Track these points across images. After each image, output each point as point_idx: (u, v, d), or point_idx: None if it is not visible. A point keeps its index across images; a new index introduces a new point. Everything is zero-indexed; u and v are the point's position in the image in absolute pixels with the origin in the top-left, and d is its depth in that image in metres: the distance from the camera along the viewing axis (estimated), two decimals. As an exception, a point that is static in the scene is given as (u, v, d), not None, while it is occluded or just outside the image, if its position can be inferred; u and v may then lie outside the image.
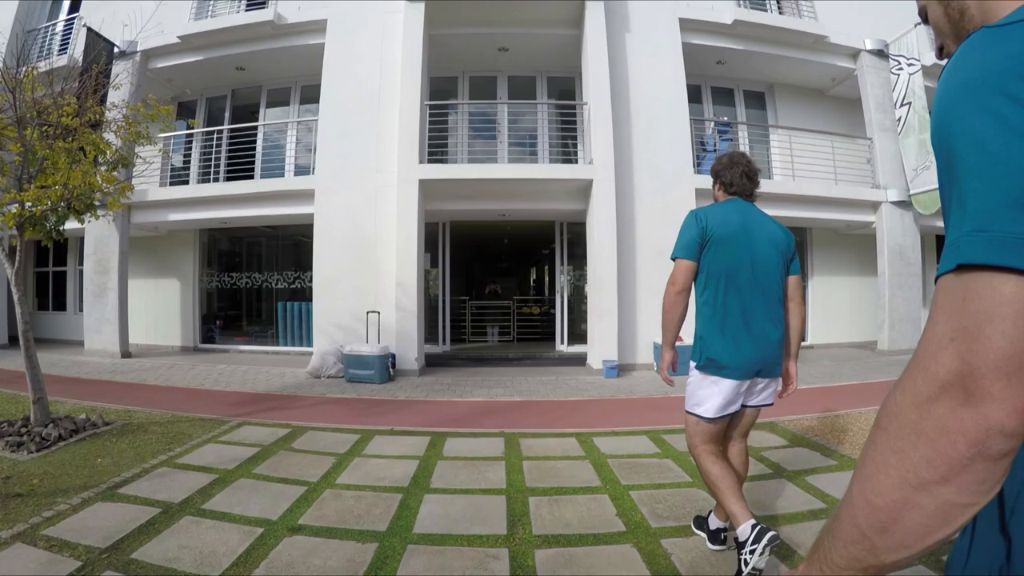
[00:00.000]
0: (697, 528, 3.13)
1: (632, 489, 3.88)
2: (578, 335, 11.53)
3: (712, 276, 2.73)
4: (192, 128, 11.60)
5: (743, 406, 2.80)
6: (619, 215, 9.23)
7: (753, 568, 2.47)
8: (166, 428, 5.55)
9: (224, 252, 13.47)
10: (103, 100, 7.38)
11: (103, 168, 6.24)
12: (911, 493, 0.59)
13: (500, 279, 19.67)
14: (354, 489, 3.90)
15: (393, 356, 8.74)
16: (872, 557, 0.63)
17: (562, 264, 11.91)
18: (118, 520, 3.37)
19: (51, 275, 14.78)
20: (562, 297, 11.80)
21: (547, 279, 18.61)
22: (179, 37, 11.18)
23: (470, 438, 5.21)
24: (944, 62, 0.72)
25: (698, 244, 2.74)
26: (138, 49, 11.34)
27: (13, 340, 11.34)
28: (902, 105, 11.45)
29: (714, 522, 2.98)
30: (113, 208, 6.47)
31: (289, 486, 3.96)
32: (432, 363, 10.04)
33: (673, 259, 2.80)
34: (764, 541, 2.45)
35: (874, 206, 11.53)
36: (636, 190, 9.59)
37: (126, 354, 10.90)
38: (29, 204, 5.67)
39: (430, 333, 11.53)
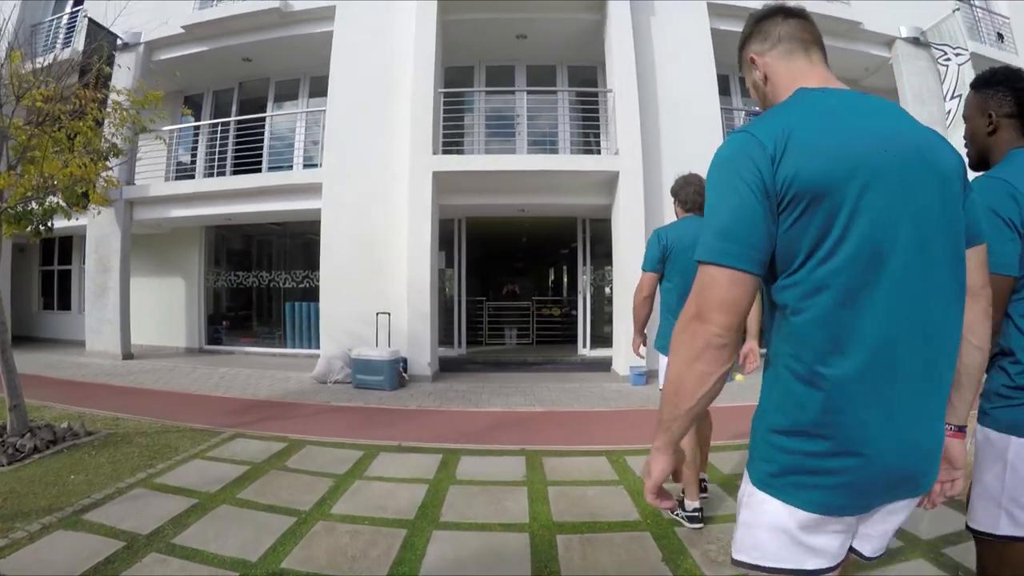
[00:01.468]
0: (672, 512, 3.34)
1: (679, 525, 3.26)
2: (601, 338, 10.94)
3: (670, 279, 3.34)
4: (185, 117, 11.17)
5: None
6: (647, 209, 8.59)
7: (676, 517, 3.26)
8: (152, 440, 5.04)
9: (232, 251, 13.02)
10: (105, 88, 6.97)
11: (89, 159, 5.77)
12: (684, 368, 1.12)
13: (518, 279, 19.13)
14: (350, 521, 3.32)
15: (404, 361, 8.17)
16: (676, 409, 1.15)
17: (584, 263, 11.34)
18: (74, 555, 2.86)
19: (56, 274, 14.48)
20: (584, 298, 11.23)
21: (566, 279, 18.13)
22: (183, 27, 10.79)
23: (487, 456, 4.61)
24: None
25: (659, 259, 3.33)
26: (141, 40, 11.02)
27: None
28: (952, 98, 10.80)
29: (689, 502, 3.26)
30: (96, 203, 6.03)
31: (276, 516, 3.40)
32: (446, 367, 9.45)
33: (641, 271, 3.39)
34: (696, 525, 3.21)
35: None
36: (664, 183, 8.94)
37: (127, 355, 10.49)
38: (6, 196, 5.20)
39: (445, 335, 10.99)
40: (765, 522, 1.15)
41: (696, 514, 3.22)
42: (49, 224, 5.79)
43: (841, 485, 1.08)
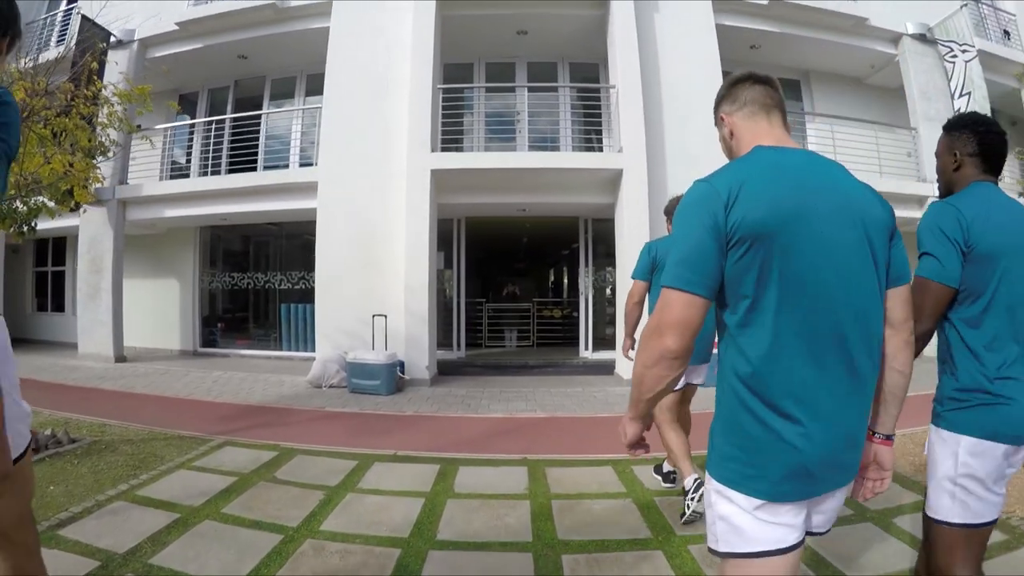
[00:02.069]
0: (655, 473, 4.03)
1: (692, 542, 3.03)
2: (603, 340, 10.74)
3: (657, 288, 3.39)
4: (180, 115, 10.96)
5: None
6: (651, 208, 8.36)
7: (693, 512, 3.21)
8: (137, 448, 4.82)
9: (227, 251, 12.81)
10: (93, 85, 6.78)
11: (77, 156, 5.61)
12: (644, 370, 1.36)
13: (518, 280, 18.92)
14: (341, 539, 3.09)
15: (402, 364, 7.95)
16: (640, 395, 1.41)
17: (586, 264, 11.14)
18: (40, 580, 2.61)
19: (50, 275, 14.27)
20: (585, 299, 11.02)
21: (567, 280, 17.94)
22: (177, 24, 10.61)
23: (487, 467, 4.39)
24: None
25: (648, 269, 3.68)
26: (135, 38, 10.82)
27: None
28: (961, 96, 10.63)
29: (666, 467, 3.95)
30: (80, 199, 5.85)
31: (262, 533, 3.17)
32: (445, 371, 9.24)
33: (632, 279, 3.82)
34: (701, 491, 3.15)
35: (920, 201, 10.68)
36: (669, 182, 8.70)
37: (120, 358, 10.27)
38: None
39: (444, 337, 10.79)
40: (729, 512, 1.36)
41: (697, 483, 3.30)
42: (33, 224, 5.59)
43: (783, 477, 1.31)
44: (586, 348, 10.86)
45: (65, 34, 11.88)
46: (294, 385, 8.04)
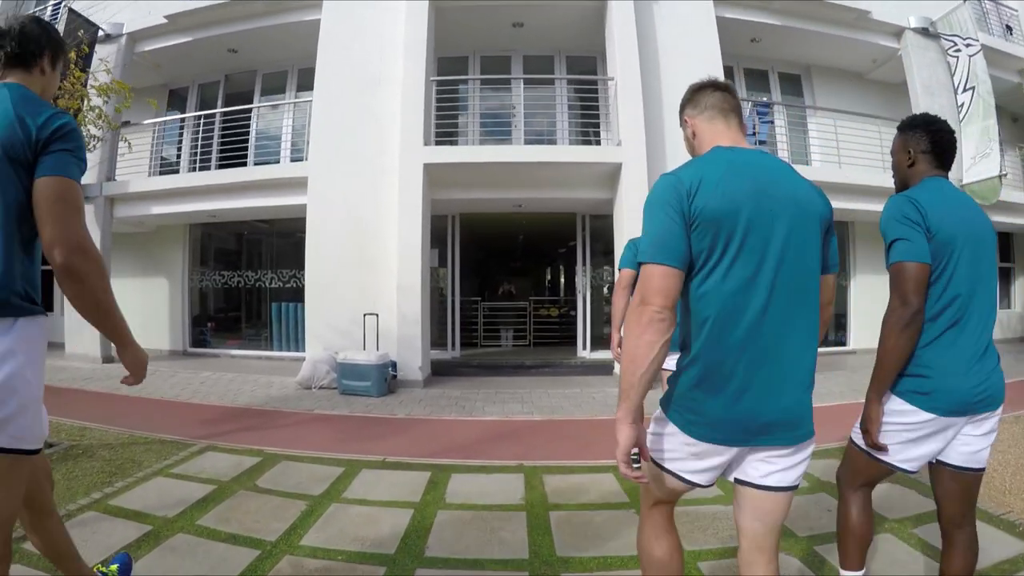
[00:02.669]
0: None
1: (701, 558, 2.82)
2: (601, 340, 10.53)
3: None
4: (171, 111, 10.75)
5: None
6: (651, 204, 8.14)
7: None
8: (116, 453, 4.58)
9: (218, 249, 12.52)
10: (84, 84, 6.57)
11: None
12: (636, 340, 1.46)
13: (515, 278, 18.71)
14: (322, 556, 2.86)
15: (394, 364, 7.71)
16: (632, 376, 1.48)
17: (583, 262, 10.90)
18: (-6, 603, 2.38)
19: (39, 273, 13.96)
20: (583, 298, 10.80)
21: (563, 279, 17.74)
22: (166, 17, 10.37)
23: (480, 474, 4.16)
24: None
25: (634, 259, 3.82)
26: (123, 32, 10.60)
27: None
28: (965, 90, 10.49)
29: None
30: None
31: (237, 548, 2.95)
32: (439, 371, 9.01)
33: (619, 269, 4.13)
34: None
35: (924, 198, 10.52)
36: (670, 176, 8.52)
37: (108, 359, 10.00)
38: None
39: (439, 337, 10.58)
40: (667, 433, 1.67)
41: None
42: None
43: (713, 423, 1.55)
44: (584, 348, 10.64)
45: (52, 28, 11.67)
46: (283, 386, 7.80)
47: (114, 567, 2.55)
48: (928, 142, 2.10)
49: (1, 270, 1.57)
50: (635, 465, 1.54)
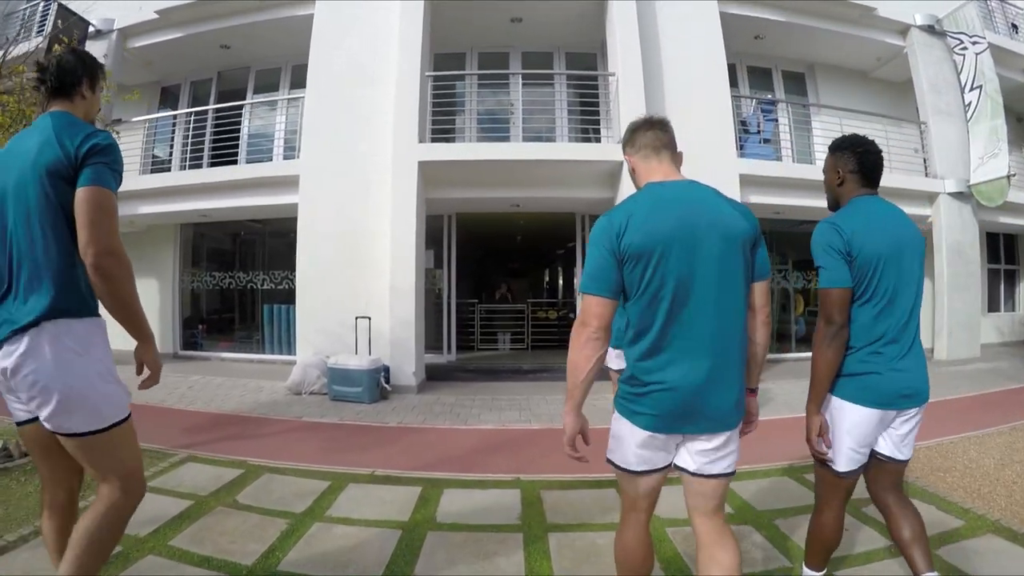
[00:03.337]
0: None
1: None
2: (600, 343, 10.28)
3: None
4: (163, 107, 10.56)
5: None
6: (653, 204, 7.92)
7: None
8: (91, 465, 4.32)
9: (211, 250, 12.28)
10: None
11: None
12: (576, 353, 1.82)
13: (512, 280, 18.47)
14: (300, 585, 2.63)
15: (386, 369, 7.46)
16: (575, 380, 1.84)
17: (582, 263, 10.65)
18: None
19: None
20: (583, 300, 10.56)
21: (562, 281, 17.51)
22: (157, 12, 10.15)
23: (475, 489, 3.91)
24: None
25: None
26: (114, 27, 10.38)
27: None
28: (972, 89, 10.35)
29: None
30: None
31: (209, 573, 2.71)
32: (434, 376, 8.75)
33: None
34: None
35: (930, 198, 10.42)
36: (671, 176, 8.31)
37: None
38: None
39: (434, 340, 10.32)
40: (621, 433, 1.95)
41: None
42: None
43: (655, 415, 1.83)
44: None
45: (44, 24, 11.46)
46: (272, 392, 7.54)
47: None
48: (855, 163, 2.26)
49: (64, 278, 1.84)
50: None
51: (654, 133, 2.00)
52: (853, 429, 2.14)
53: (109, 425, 1.92)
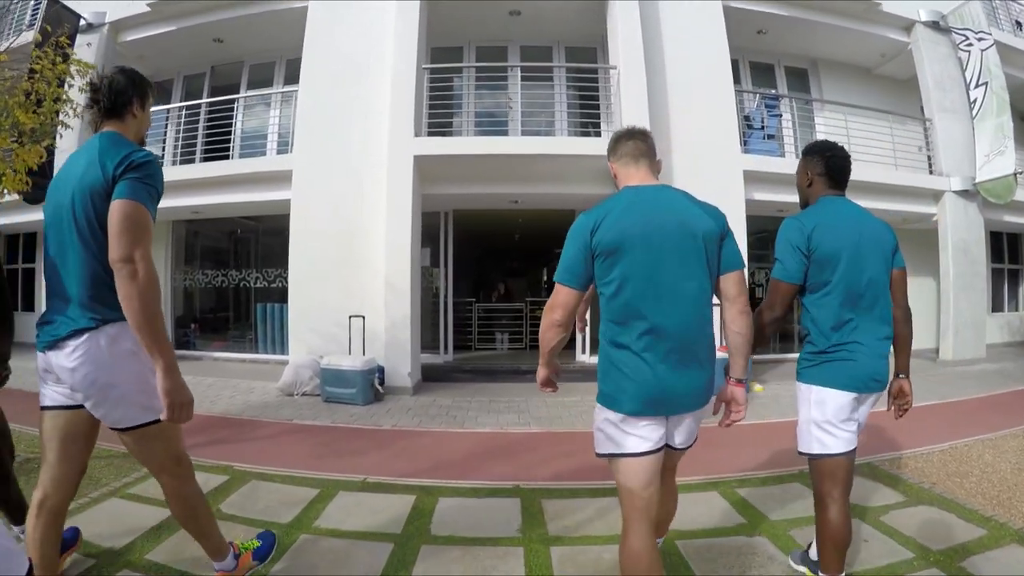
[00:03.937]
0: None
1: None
2: (601, 343, 10.11)
3: None
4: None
5: None
6: (655, 200, 7.74)
7: None
8: (70, 470, 4.13)
9: (204, 248, 12.06)
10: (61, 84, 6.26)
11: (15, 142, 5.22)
12: (545, 332, 2.08)
13: (511, 279, 18.26)
14: (282, 604, 2.45)
15: (381, 370, 7.27)
16: (544, 349, 2.15)
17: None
18: None
19: (20, 272, 13.50)
20: (582, 299, 10.39)
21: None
22: (149, 5, 10.01)
23: (471, 498, 3.72)
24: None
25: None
26: (106, 20, 10.25)
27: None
28: (978, 86, 10.22)
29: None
30: (10, 187, 5.26)
31: (186, 593, 2.53)
32: (430, 377, 8.55)
33: None
34: None
35: (936, 196, 10.27)
36: (674, 172, 8.11)
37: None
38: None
39: (431, 340, 10.14)
40: (605, 420, 2.05)
41: None
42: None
43: (637, 398, 1.95)
44: (583, 352, 10.20)
45: (36, 18, 11.27)
46: (264, 392, 7.34)
47: (256, 542, 2.80)
48: (823, 166, 2.44)
49: (91, 291, 2.01)
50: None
51: (634, 143, 2.19)
52: (838, 411, 2.27)
53: (159, 418, 2.09)
